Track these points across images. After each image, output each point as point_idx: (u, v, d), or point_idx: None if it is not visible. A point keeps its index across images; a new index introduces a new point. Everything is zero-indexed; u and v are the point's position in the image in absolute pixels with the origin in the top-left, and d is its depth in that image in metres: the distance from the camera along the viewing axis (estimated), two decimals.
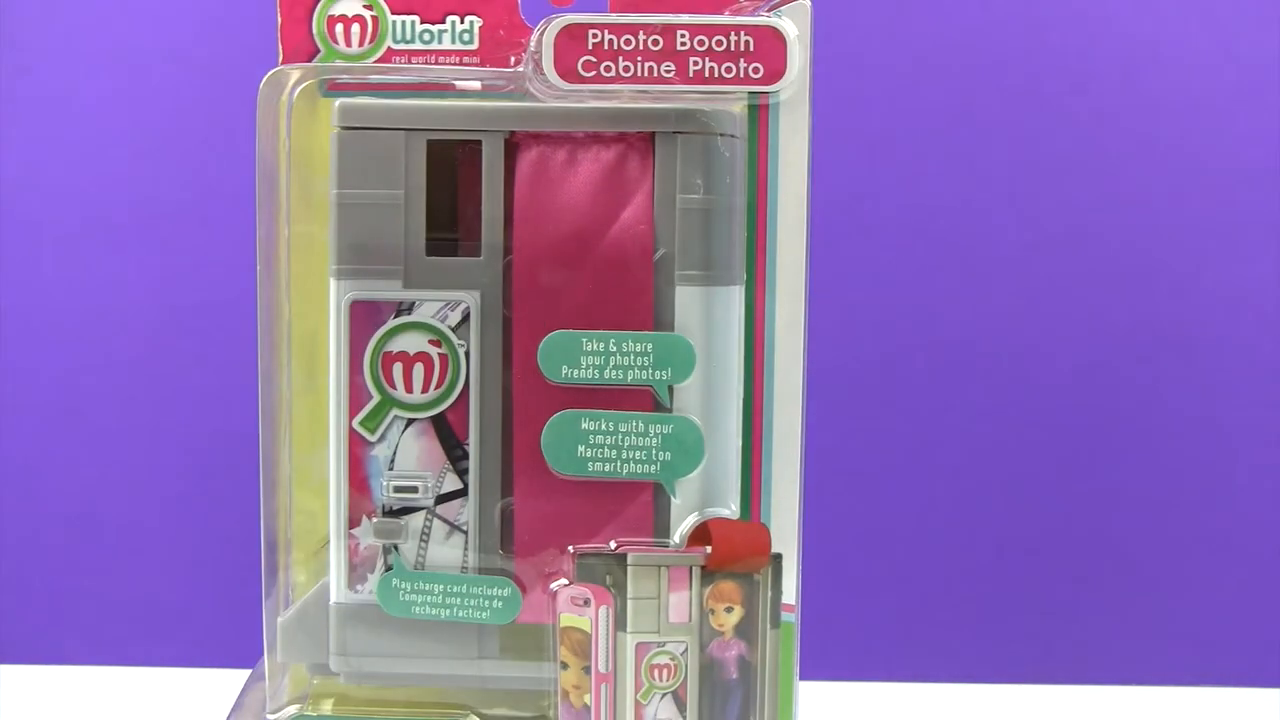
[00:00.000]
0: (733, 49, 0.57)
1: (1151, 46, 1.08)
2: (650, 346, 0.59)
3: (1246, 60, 1.07)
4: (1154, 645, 1.09)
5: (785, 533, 0.60)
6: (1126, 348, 1.10)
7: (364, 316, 0.60)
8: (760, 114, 0.58)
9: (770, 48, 0.57)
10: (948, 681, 0.74)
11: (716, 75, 0.57)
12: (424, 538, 0.61)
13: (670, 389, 0.59)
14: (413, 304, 0.60)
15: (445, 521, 0.60)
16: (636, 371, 0.59)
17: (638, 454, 0.59)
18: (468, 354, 0.60)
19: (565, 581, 0.60)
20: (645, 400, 0.59)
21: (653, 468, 0.59)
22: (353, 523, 0.61)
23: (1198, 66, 1.08)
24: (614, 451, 0.59)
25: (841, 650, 1.11)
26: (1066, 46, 1.08)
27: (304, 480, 0.65)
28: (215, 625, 1.09)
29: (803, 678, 0.62)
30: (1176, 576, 1.09)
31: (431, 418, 0.60)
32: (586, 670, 0.60)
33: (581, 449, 0.59)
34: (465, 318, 0.60)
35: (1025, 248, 1.09)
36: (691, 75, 0.57)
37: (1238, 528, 1.09)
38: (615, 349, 0.59)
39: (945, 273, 1.10)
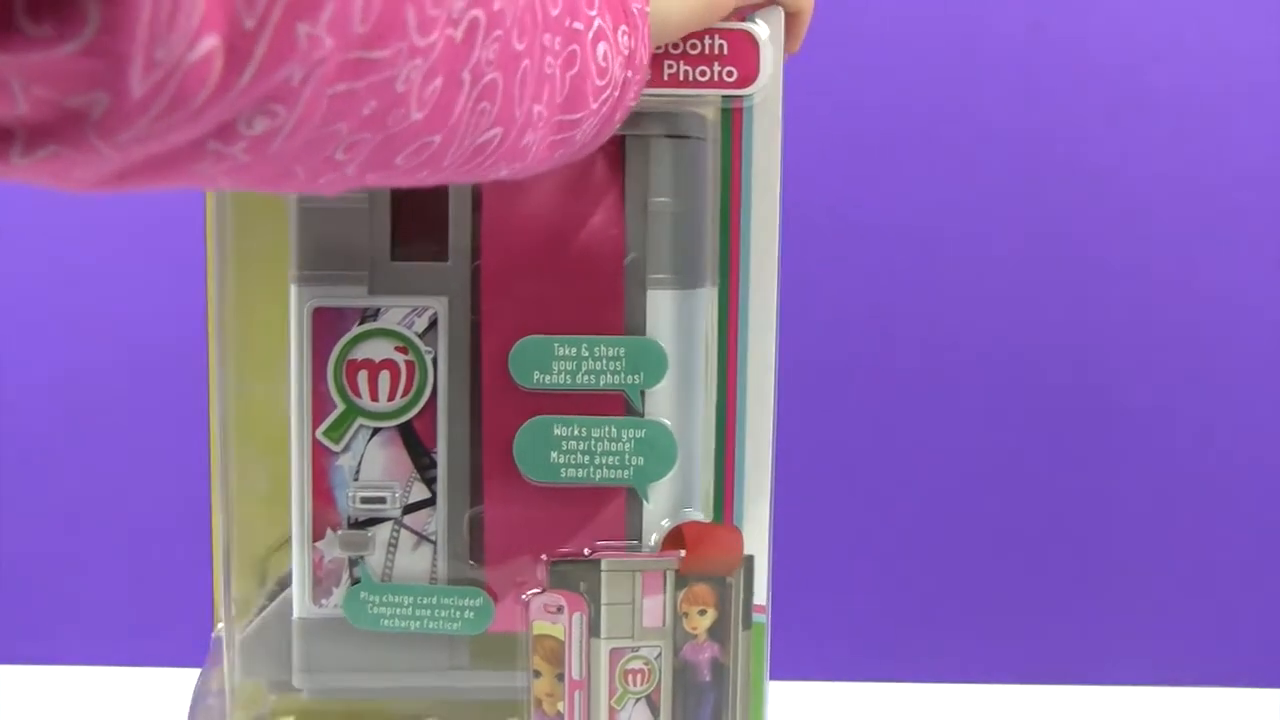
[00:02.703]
0: (706, 53, 0.57)
1: (1150, 45, 1.07)
2: (623, 351, 0.58)
3: (1246, 60, 1.06)
4: (1154, 645, 1.09)
5: (757, 534, 0.60)
6: (1124, 347, 1.09)
7: (327, 323, 0.58)
8: (734, 117, 0.58)
9: (743, 51, 0.57)
10: (944, 681, 0.74)
11: (690, 79, 0.57)
12: (391, 549, 0.59)
13: (642, 393, 0.59)
14: (378, 310, 0.58)
15: (413, 532, 0.59)
16: (609, 376, 0.58)
17: (611, 459, 0.59)
18: (435, 361, 0.58)
19: (538, 590, 0.59)
20: (617, 405, 0.59)
21: (626, 473, 0.59)
22: (317, 535, 0.59)
23: (1193, 66, 1.07)
24: (587, 457, 0.59)
25: (828, 650, 1.11)
26: (1058, 44, 1.07)
27: (248, 489, 0.63)
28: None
29: (786, 677, 0.62)
30: (1176, 576, 1.09)
31: (398, 426, 0.59)
32: (560, 678, 0.60)
33: (554, 455, 0.58)
34: (432, 323, 0.58)
35: (1019, 247, 1.08)
36: (666, 79, 0.56)
37: (1238, 528, 1.09)
38: (588, 353, 0.58)
39: (937, 273, 1.08)
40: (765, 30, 0.57)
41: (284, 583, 0.61)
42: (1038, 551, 1.11)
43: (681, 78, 0.57)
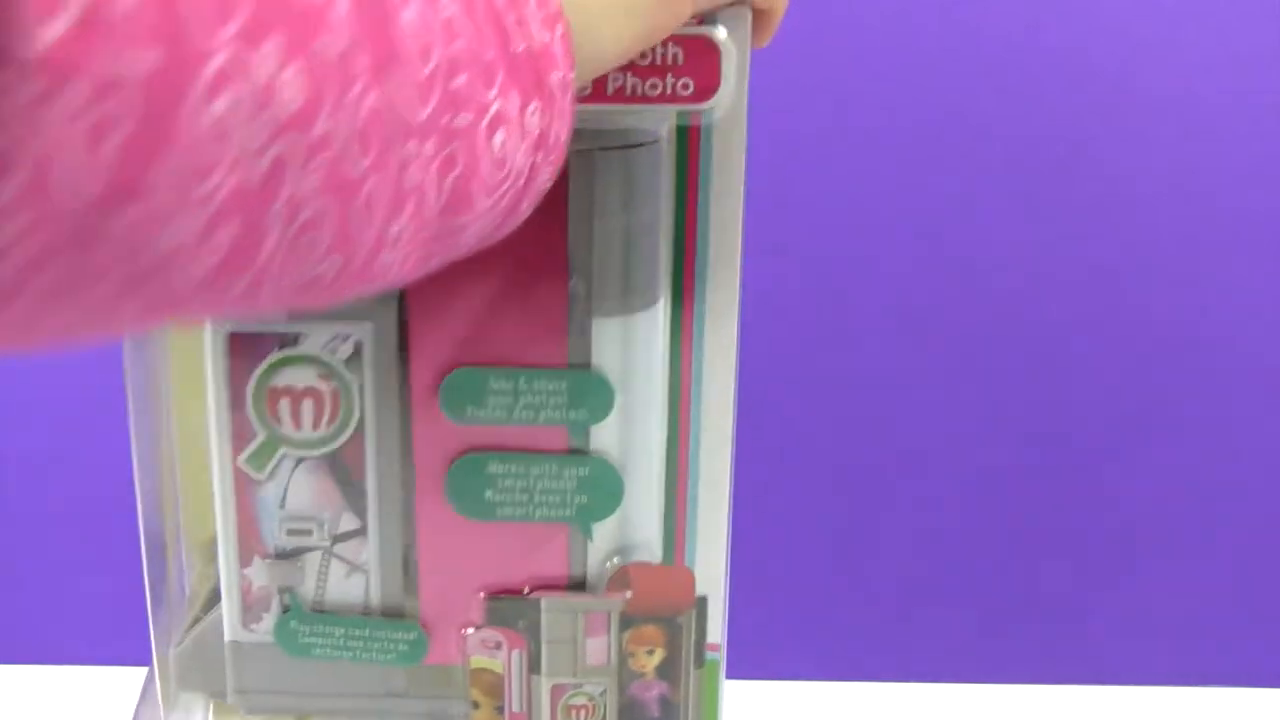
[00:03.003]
0: (659, 63, 0.49)
1: (1143, 46, 0.99)
2: (564, 385, 0.53)
3: (1246, 60, 0.98)
4: (1154, 645, 1.08)
5: (711, 574, 0.56)
6: (1122, 348, 1.05)
7: (244, 350, 0.53)
8: (690, 134, 0.51)
9: (702, 59, 0.49)
10: (942, 682, 0.71)
11: (640, 93, 0.49)
12: (322, 577, 0.56)
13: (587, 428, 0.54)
14: (298, 336, 0.53)
15: (344, 561, 0.56)
16: (550, 411, 0.53)
17: (551, 498, 0.54)
18: (362, 389, 0.54)
19: (475, 627, 0.56)
20: (559, 439, 0.54)
21: (567, 511, 0.54)
22: (244, 562, 0.56)
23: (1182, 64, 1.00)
24: (525, 495, 0.54)
25: (824, 649, 1.10)
26: (1050, 45, 0.99)
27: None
28: None
29: (782, 677, 0.59)
30: (1176, 576, 1.07)
31: (325, 455, 0.55)
32: (499, 709, 0.57)
33: (490, 493, 0.54)
34: (357, 350, 0.53)
35: (1015, 247, 1.02)
36: (611, 93, 0.49)
37: (1238, 528, 1.07)
38: (525, 387, 0.53)
39: (932, 268, 1.03)
40: (725, 33, 0.49)
41: (218, 595, 0.58)
42: (1036, 551, 1.09)
43: (630, 92, 0.49)
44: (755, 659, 0.66)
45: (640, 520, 0.55)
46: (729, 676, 0.67)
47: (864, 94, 0.98)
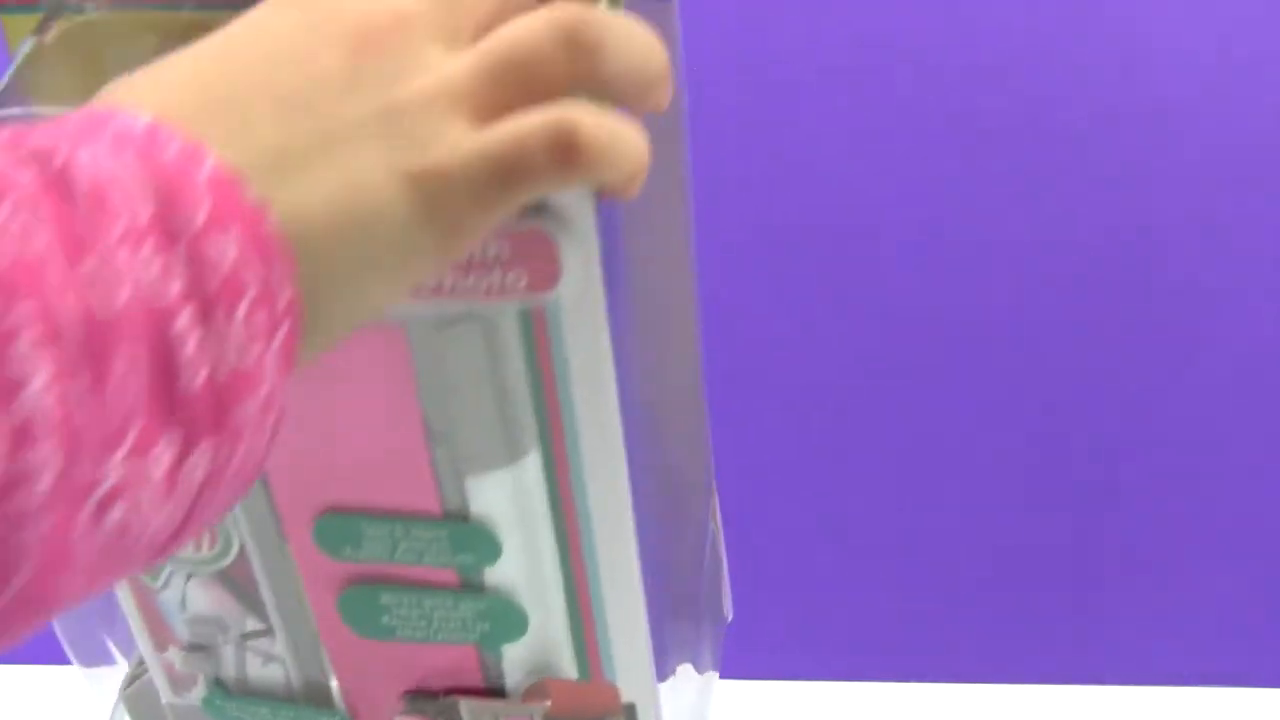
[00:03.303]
0: (479, 260, 0.39)
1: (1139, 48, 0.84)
2: (445, 534, 0.47)
3: (1248, 61, 0.83)
4: (1154, 645, 1.04)
5: (638, 684, 0.51)
6: (1123, 348, 0.99)
7: None
8: (535, 323, 0.41)
9: (533, 251, 0.39)
10: (944, 682, 0.67)
11: (461, 289, 0.40)
12: (240, 664, 0.54)
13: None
14: None
15: (258, 653, 0.54)
16: (433, 556, 0.48)
17: (451, 624, 0.50)
18: (235, 519, 0.49)
19: (399, 717, 0.54)
20: (449, 574, 0.49)
21: (471, 635, 0.50)
22: (159, 648, 0.54)
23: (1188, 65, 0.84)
24: (423, 622, 0.50)
25: (831, 649, 1.09)
26: (1051, 45, 0.84)
27: None
28: None
29: (780, 677, 0.58)
30: (1178, 576, 1.03)
31: (215, 572, 0.51)
32: None
33: (386, 619, 0.50)
34: None
35: (1020, 248, 0.94)
36: (430, 288, 0.40)
37: (1238, 529, 1.02)
38: (403, 534, 0.47)
39: (935, 268, 0.96)
40: (557, 223, 0.38)
41: None
42: (1036, 552, 1.07)
43: (449, 289, 0.40)
44: (755, 659, 0.63)
45: (548, 644, 0.51)
46: (729, 676, 0.64)
47: (865, 93, 0.89)
